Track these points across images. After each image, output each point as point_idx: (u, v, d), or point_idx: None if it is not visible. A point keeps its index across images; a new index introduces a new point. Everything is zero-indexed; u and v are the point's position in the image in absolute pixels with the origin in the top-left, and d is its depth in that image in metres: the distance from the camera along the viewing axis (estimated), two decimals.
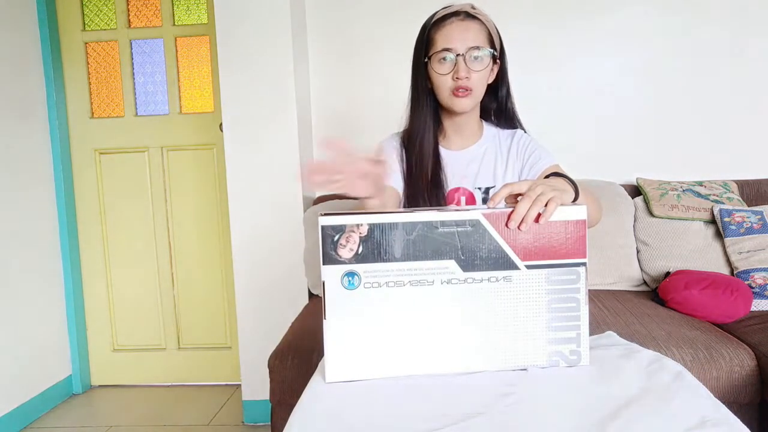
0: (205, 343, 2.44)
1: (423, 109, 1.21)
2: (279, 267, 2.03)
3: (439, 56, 1.13)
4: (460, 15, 1.14)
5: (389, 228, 0.77)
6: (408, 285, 0.78)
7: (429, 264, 0.78)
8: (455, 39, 1.12)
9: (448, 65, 1.13)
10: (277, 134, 2.00)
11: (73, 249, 2.40)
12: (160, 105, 2.38)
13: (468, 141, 1.26)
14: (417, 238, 0.77)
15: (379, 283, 0.78)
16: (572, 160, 2.22)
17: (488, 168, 1.24)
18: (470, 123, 1.24)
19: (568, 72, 2.23)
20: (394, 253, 0.77)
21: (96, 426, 2.12)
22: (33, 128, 2.25)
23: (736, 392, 1.44)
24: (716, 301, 1.66)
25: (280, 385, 1.53)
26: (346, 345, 0.80)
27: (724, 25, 2.16)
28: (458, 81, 1.12)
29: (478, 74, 1.14)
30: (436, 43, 1.14)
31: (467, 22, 1.14)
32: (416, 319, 0.79)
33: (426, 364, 0.80)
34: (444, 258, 0.78)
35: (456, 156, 1.25)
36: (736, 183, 2.09)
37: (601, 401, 0.73)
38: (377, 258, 0.77)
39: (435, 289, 0.78)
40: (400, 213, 0.78)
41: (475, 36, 1.13)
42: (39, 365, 2.24)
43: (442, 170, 1.23)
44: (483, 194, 1.23)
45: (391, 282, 0.78)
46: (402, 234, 0.77)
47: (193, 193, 2.39)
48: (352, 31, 2.26)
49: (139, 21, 2.35)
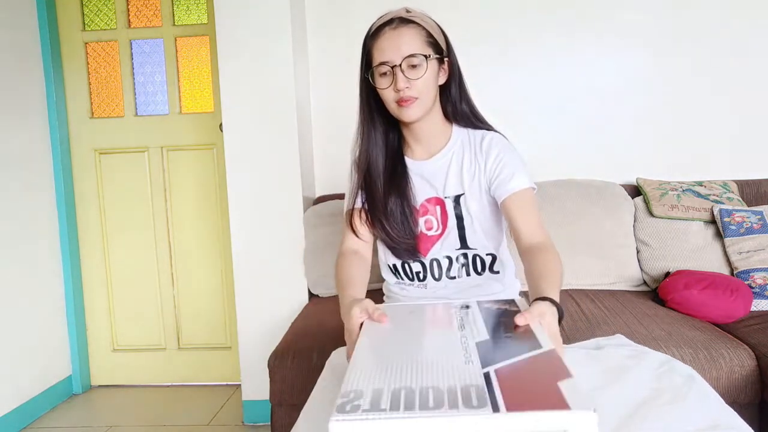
0: (205, 343, 2.44)
1: (371, 122, 1.19)
2: (279, 267, 2.03)
3: (378, 70, 1.11)
4: (393, 23, 1.10)
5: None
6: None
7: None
8: (389, 50, 1.09)
9: (388, 78, 1.10)
10: (277, 134, 2.00)
11: (73, 249, 2.40)
12: (160, 105, 2.38)
13: (433, 148, 1.22)
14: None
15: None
16: (572, 160, 2.24)
17: (456, 174, 1.20)
18: (430, 129, 1.20)
19: (568, 72, 2.23)
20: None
21: (96, 426, 2.12)
22: (33, 128, 2.25)
23: (736, 392, 1.44)
24: (716, 301, 1.66)
25: (280, 385, 1.53)
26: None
27: (724, 25, 2.16)
28: (399, 92, 1.09)
29: (420, 81, 1.10)
30: (373, 56, 1.11)
31: (400, 29, 1.09)
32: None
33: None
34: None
35: (422, 165, 1.22)
36: (736, 183, 2.09)
37: (614, 400, 0.73)
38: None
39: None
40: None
41: (410, 42, 1.09)
42: (39, 365, 2.24)
43: (410, 182, 1.20)
44: (453, 202, 1.20)
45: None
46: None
47: (193, 193, 2.39)
48: (352, 31, 2.26)
49: (139, 21, 2.35)
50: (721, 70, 2.18)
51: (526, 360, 0.67)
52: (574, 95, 2.23)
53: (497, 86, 2.25)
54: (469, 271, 1.22)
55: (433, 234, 1.21)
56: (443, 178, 1.20)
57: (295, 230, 2.03)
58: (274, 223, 2.03)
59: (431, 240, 1.22)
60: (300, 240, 2.03)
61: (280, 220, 2.03)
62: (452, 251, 1.21)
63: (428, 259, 1.22)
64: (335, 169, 2.30)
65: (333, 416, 0.57)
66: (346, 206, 1.26)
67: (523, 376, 0.63)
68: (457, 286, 1.23)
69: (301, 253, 2.03)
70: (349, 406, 0.58)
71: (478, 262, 1.22)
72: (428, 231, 1.21)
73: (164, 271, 2.42)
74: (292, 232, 2.03)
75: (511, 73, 2.25)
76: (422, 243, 1.21)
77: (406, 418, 0.56)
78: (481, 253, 1.21)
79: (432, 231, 1.21)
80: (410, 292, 1.26)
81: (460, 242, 1.20)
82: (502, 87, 2.23)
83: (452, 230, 1.20)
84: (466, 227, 1.19)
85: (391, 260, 1.26)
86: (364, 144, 1.20)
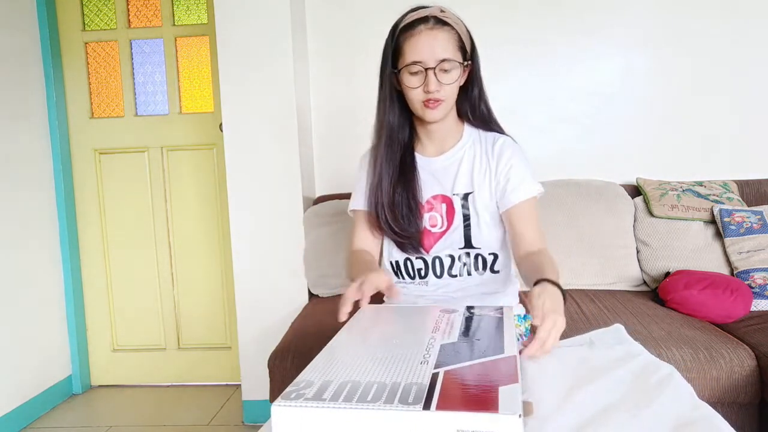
0: (205, 343, 2.44)
1: (390, 115, 1.19)
2: (279, 267, 2.03)
3: (409, 69, 1.11)
4: (429, 22, 1.10)
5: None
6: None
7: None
8: (424, 51, 1.09)
9: (419, 78, 1.11)
10: (277, 134, 2.00)
11: (73, 249, 2.40)
12: (160, 105, 2.38)
13: (445, 146, 1.24)
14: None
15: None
16: (572, 160, 2.24)
17: (467, 173, 1.21)
18: (444, 129, 1.22)
19: (569, 72, 2.23)
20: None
21: (96, 426, 2.12)
22: (33, 128, 2.25)
23: (736, 392, 1.44)
24: (716, 301, 1.66)
25: (280, 385, 1.53)
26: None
27: (724, 25, 2.16)
28: (428, 94, 1.11)
29: (450, 85, 1.12)
30: (405, 54, 1.11)
31: (436, 31, 1.10)
32: None
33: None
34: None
35: (432, 162, 1.23)
36: (736, 183, 2.09)
37: (580, 404, 0.72)
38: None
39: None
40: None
41: (445, 46, 1.10)
42: (39, 365, 2.24)
43: (418, 177, 1.21)
44: (462, 200, 1.21)
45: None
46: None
47: (193, 193, 2.39)
48: (352, 31, 2.26)
49: (139, 21, 2.35)
50: (721, 70, 2.18)
51: (480, 363, 0.69)
52: (575, 95, 2.23)
53: (498, 87, 2.24)
54: (471, 270, 1.23)
55: (437, 231, 1.22)
56: (453, 176, 1.22)
57: (295, 230, 2.03)
58: (274, 223, 2.03)
59: (435, 236, 1.22)
60: (300, 240, 2.03)
61: (280, 220, 2.03)
62: (455, 250, 1.22)
63: (431, 257, 1.23)
64: (335, 169, 2.30)
65: (276, 401, 0.60)
66: (356, 205, 1.28)
67: (469, 379, 0.65)
68: (458, 284, 1.23)
69: (301, 253, 2.03)
70: (295, 394, 0.62)
71: (480, 261, 1.23)
72: (432, 227, 1.22)
73: (164, 271, 2.42)
74: (292, 232, 2.03)
75: (511, 73, 2.25)
76: (426, 239, 1.23)
77: (340, 408, 0.59)
78: (484, 252, 1.22)
79: (436, 228, 1.22)
80: (411, 290, 1.26)
81: (465, 241, 1.21)
82: (502, 87, 2.23)
83: (457, 228, 1.21)
84: (472, 226, 1.21)
85: (394, 256, 1.27)
86: (382, 135, 1.21)
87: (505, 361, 0.70)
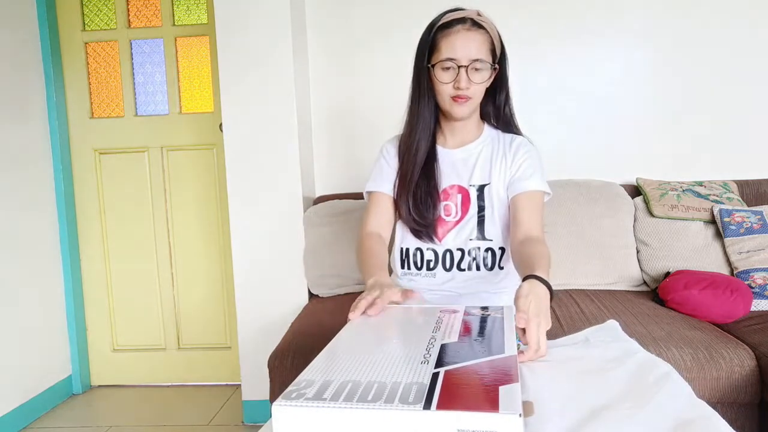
0: (205, 343, 2.44)
1: (424, 108, 1.24)
2: (279, 267, 2.03)
3: (443, 65, 1.17)
4: (466, 23, 1.17)
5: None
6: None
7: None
8: (459, 49, 1.15)
9: (451, 74, 1.17)
10: (277, 134, 2.00)
11: (73, 249, 2.40)
12: (160, 105, 2.38)
13: (465, 139, 1.30)
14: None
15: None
16: (572, 160, 2.24)
17: (484, 166, 1.27)
18: (468, 125, 1.28)
19: (569, 72, 2.23)
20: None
21: (96, 426, 2.12)
22: (33, 128, 2.25)
23: (736, 392, 1.44)
24: (716, 301, 1.66)
25: (280, 386, 1.53)
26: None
27: (724, 25, 2.16)
28: (458, 90, 1.17)
29: (480, 85, 1.19)
30: (440, 50, 1.17)
31: (472, 32, 1.16)
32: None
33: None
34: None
35: (452, 153, 1.29)
36: (736, 183, 2.09)
37: (578, 404, 0.72)
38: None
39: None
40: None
41: (479, 47, 1.16)
42: (39, 365, 2.24)
43: (438, 167, 1.27)
44: (477, 192, 1.26)
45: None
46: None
47: (193, 193, 2.39)
48: (352, 31, 2.26)
49: (139, 21, 2.35)
50: (722, 71, 2.18)
51: (480, 363, 0.69)
52: (575, 95, 2.23)
53: None
54: (479, 265, 1.26)
55: (451, 220, 1.26)
56: (471, 168, 1.27)
57: (295, 230, 2.03)
58: (274, 223, 2.03)
59: (448, 225, 1.27)
60: (300, 240, 2.03)
61: (280, 220, 2.03)
62: (467, 242, 1.26)
63: (442, 249, 1.27)
64: (335, 169, 2.30)
65: (277, 401, 0.60)
66: (373, 187, 1.32)
67: (470, 379, 0.65)
68: (464, 278, 1.26)
69: (301, 253, 2.03)
70: (295, 394, 0.62)
71: (489, 255, 1.26)
72: (446, 216, 1.27)
73: (164, 271, 2.42)
74: (292, 232, 2.03)
75: (511, 73, 2.25)
76: (439, 227, 1.27)
77: (340, 408, 0.58)
78: (494, 245, 1.26)
79: (450, 217, 1.27)
80: (418, 282, 1.29)
81: (478, 232, 1.25)
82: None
83: (471, 219, 1.25)
84: (486, 217, 1.25)
85: (406, 243, 1.31)
86: (415, 127, 1.26)
87: (505, 361, 0.70)
